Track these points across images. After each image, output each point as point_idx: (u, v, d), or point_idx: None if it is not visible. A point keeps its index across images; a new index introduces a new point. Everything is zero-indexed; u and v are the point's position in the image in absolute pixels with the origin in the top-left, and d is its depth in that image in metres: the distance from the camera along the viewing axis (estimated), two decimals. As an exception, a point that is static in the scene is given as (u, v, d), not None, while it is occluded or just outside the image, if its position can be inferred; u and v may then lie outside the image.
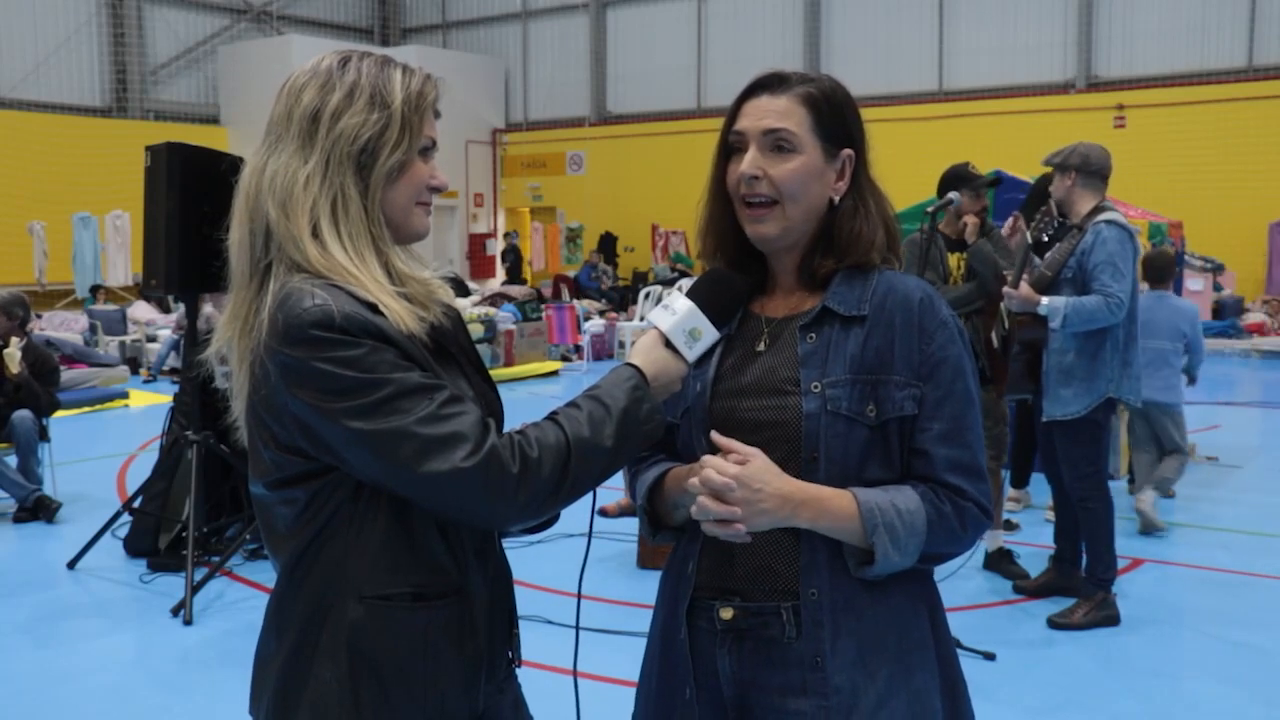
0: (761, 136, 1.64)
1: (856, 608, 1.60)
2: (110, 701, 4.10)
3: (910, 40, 20.71)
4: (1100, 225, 4.54)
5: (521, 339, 13.27)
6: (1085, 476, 4.67)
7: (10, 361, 6.65)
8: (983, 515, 1.62)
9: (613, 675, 3.75)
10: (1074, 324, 4.49)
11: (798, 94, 1.65)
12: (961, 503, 1.60)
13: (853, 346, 1.61)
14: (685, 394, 1.71)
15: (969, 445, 1.62)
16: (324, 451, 1.47)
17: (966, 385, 1.63)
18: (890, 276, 1.67)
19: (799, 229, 1.66)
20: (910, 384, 1.60)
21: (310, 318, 1.43)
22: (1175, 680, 4.21)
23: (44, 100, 21.24)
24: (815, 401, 1.59)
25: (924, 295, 1.64)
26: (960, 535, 1.61)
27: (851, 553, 1.59)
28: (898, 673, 1.61)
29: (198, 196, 5.14)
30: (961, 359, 1.64)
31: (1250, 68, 18.09)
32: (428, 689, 1.54)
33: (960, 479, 1.60)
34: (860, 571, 1.58)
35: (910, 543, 1.56)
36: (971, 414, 1.63)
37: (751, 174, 1.64)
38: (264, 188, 1.52)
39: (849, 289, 1.65)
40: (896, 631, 1.62)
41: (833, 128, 1.66)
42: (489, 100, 25.56)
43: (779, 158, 1.63)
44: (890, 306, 1.63)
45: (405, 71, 1.58)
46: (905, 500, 1.57)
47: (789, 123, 1.63)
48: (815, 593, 1.60)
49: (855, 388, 1.59)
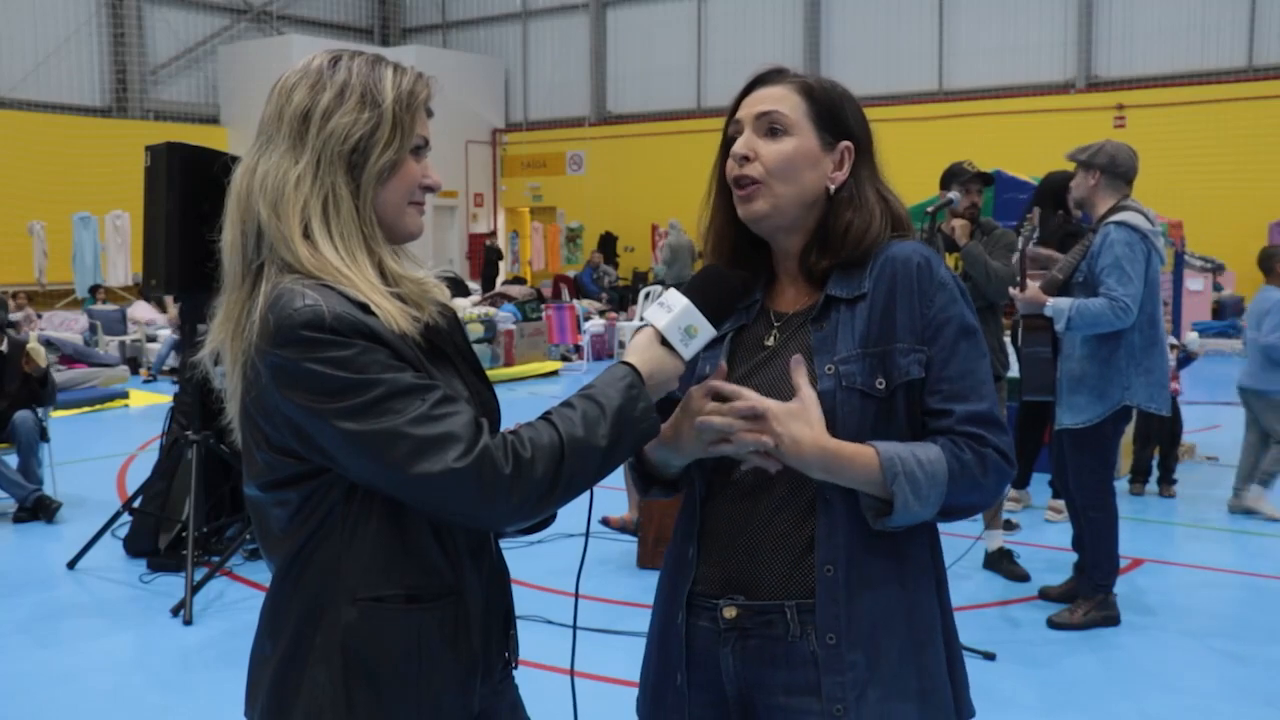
0: (755, 120, 1.67)
1: (871, 582, 1.60)
2: (110, 701, 4.10)
3: (910, 40, 20.71)
4: (1109, 227, 4.43)
5: (521, 339, 13.27)
6: (1090, 486, 4.61)
7: (37, 356, 6.73)
8: (1005, 462, 1.61)
9: (612, 675, 3.75)
10: (1078, 326, 4.41)
11: (793, 83, 1.69)
12: (982, 449, 1.59)
13: (859, 323, 1.62)
14: (693, 376, 1.70)
15: (982, 397, 1.61)
16: (316, 453, 1.46)
17: (973, 341, 1.63)
18: (886, 246, 1.67)
19: (790, 211, 1.67)
20: (914, 349, 1.61)
21: (301, 318, 1.42)
22: (1175, 680, 4.20)
23: (44, 100, 21.25)
24: (829, 381, 1.60)
25: (921, 259, 1.64)
26: (982, 483, 1.59)
27: (869, 505, 1.57)
28: (908, 650, 1.62)
29: (197, 196, 5.14)
30: (964, 317, 1.64)
31: (1250, 68, 18.10)
32: (422, 690, 1.53)
33: (978, 428, 1.59)
34: (879, 523, 1.57)
35: (931, 492, 1.55)
36: (981, 368, 1.63)
37: (743, 153, 1.66)
38: (255, 188, 1.52)
39: (847, 273, 1.66)
40: (907, 607, 1.63)
41: (829, 117, 1.67)
42: (489, 100, 25.57)
43: (771, 140, 1.66)
44: (889, 274, 1.63)
45: (396, 70, 1.57)
46: (925, 451, 1.57)
47: (782, 105, 1.66)
48: (831, 568, 1.59)
49: (866, 361, 1.60)
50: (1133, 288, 4.35)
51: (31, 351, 6.79)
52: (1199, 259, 15.07)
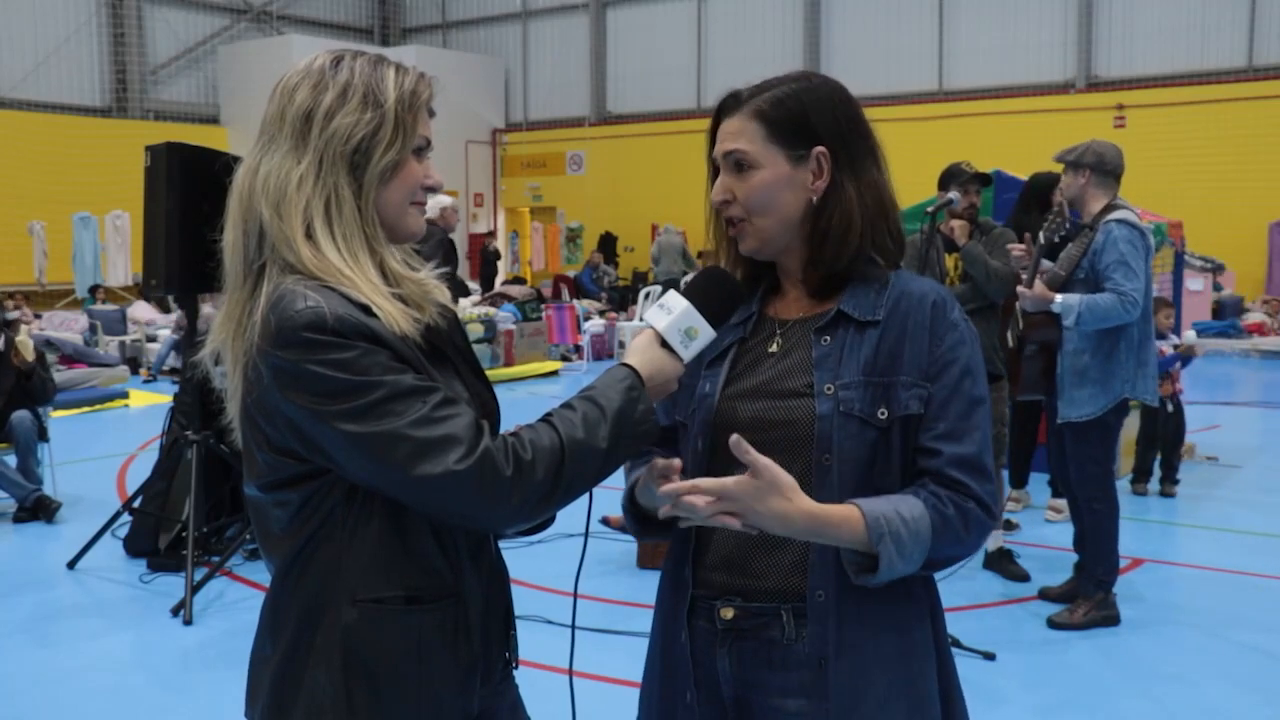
0: (724, 159, 1.67)
1: (862, 610, 1.60)
2: (110, 701, 4.10)
3: (910, 40, 20.71)
4: (1111, 224, 4.51)
5: (521, 339, 13.27)
6: (1092, 477, 4.65)
7: (25, 349, 6.72)
8: (986, 515, 1.61)
9: (613, 675, 3.75)
10: (1088, 322, 4.46)
11: (747, 110, 1.65)
12: (964, 503, 1.59)
13: (866, 350, 1.62)
14: (694, 394, 1.71)
15: (975, 443, 1.61)
16: (316, 454, 1.46)
17: (975, 386, 1.64)
18: (905, 280, 1.68)
19: (778, 239, 1.67)
20: (917, 384, 1.61)
21: (302, 320, 1.42)
22: (1175, 680, 4.20)
23: (44, 100, 21.25)
24: (828, 404, 1.59)
25: (937, 298, 1.65)
26: (964, 538, 1.60)
27: (850, 560, 1.57)
28: (900, 679, 1.61)
29: (197, 196, 5.14)
30: (971, 361, 1.64)
31: (1250, 68, 18.09)
32: (422, 691, 1.53)
33: (964, 474, 1.59)
34: (860, 579, 1.57)
35: (915, 550, 1.55)
36: (979, 414, 1.63)
37: (720, 199, 1.68)
38: (257, 188, 1.52)
39: (864, 294, 1.66)
40: (899, 636, 1.62)
41: (793, 131, 1.64)
42: (489, 100, 25.56)
43: (741, 177, 1.66)
44: (904, 309, 1.63)
45: (398, 70, 1.57)
46: (910, 508, 1.56)
47: (740, 142, 1.65)
48: (822, 594, 1.60)
49: (868, 390, 1.59)
50: (1138, 282, 4.44)
51: (20, 345, 6.73)
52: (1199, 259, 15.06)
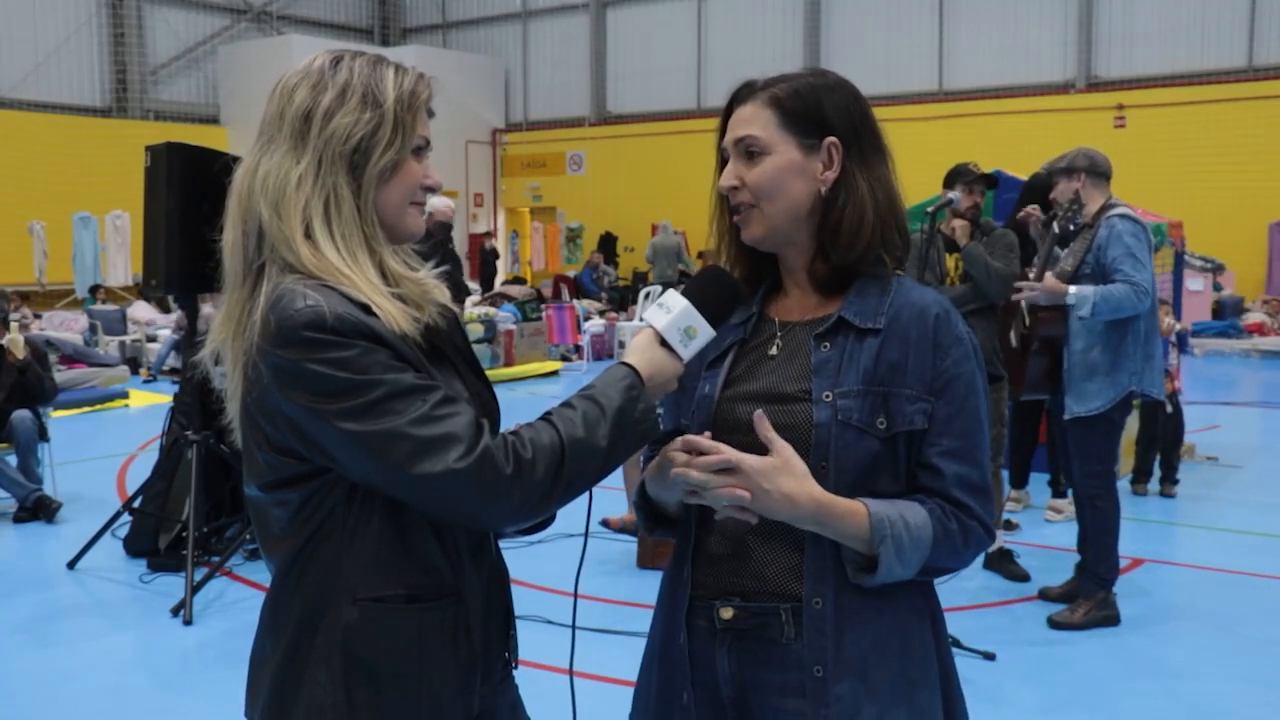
0: (735, 146, 1.67)
1: (861, 617, 1.60)
2: (110, 701, 4.10)
3: (910, 40, 20.70)
4: (1114, 219, 4.58)
5: (521, 339, 13.27)
6: (1096, 474, 4.67)
7: (14, 347, 6.71)
8: (985, 535, 1.64)
9: (613, 675, 3.75)
10: (1103, 312, 4.49)
11: (762, 98, 1.66)
12: (967, 521, 1.61)
13: (866, 358, 1.61)
14: (694, 396, 1.71)
15: (978, 463, 1.63)
16: (317, 453, 1.47)
17: (978, 403, 1.64)
18: (907, 288, 1.67)
19: (785, 227, 1.67)
20: (921, 398, 1.60)
21: (302, 319, 1.42)
22: (1175, 680, 4.20)
23: (44, 100, 21.25)
24: (826, 411, 1.59)
25: (940, 310, 1.64)
26: (962, 552, 1.62)
27: (850, 559, 1.58)
28: (900, 687, 1.61)
29: (197, 196, 5.14)
30: (974, 377, 1.64)
31: (1250, 68, 18.09)
32: (422, 691, 1.53)
33: (967, 496, 1.61)
34: (858, 579, 1.58)
35: (914, 556, 1.57)
36: (981, 433, 1.64)
37: (729, 185, 1.67)
38: (256, 188, 1.52)
39: (865, 300, 1.65)
40: (899, 643, 1.62)
41: (806, 120, 1.65)
42: (489, 100, 25.56)
43: (752, 163, 1.66)
44: (906, 320, 1.63)
45: (398, 71, 1.57)
46: (913, 515, 1.58)
47: (753, 128, 1.65)
48: (820, 601, 1.59)
49: (867, 399, 1.59)
50: (1147, 273, 4.49)
51: (10, 343, 6.71)
52: (1199, 259, 15.06)
